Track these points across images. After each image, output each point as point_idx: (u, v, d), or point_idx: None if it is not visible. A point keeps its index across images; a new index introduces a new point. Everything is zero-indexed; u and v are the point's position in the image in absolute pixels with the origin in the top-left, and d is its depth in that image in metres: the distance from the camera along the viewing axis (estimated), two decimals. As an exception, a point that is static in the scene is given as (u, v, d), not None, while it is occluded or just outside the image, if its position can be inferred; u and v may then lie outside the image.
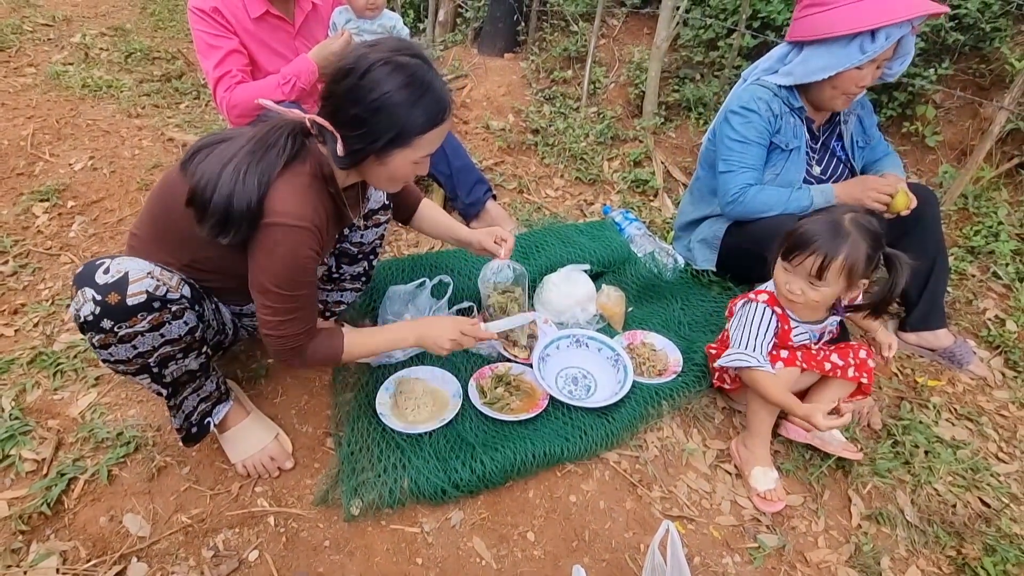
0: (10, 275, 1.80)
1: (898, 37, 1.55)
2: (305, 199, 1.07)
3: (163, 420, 1.40)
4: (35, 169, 2.30)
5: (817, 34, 1.60)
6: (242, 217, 1.01)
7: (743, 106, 1.73)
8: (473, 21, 3.46)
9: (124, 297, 1.01)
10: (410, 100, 1.03)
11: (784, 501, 1.39)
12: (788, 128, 1.74)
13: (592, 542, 1.29)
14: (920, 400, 1.73)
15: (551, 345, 1.69)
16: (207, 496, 1.27)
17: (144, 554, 1.16)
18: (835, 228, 1.26)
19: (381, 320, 1.65)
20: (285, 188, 1.04)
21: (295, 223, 1.04)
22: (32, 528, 1.17)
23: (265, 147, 1.05)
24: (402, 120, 1.04)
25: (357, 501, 1.28)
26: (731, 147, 1.75)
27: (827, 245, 1.25)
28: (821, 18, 1.59)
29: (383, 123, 1.04)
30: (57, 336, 1.59)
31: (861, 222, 1.27)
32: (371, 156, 1.08)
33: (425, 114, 1.06)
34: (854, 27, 1.53)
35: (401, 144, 1.07)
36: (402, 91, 1.02)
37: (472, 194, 2.19)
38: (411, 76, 1.03)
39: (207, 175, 1.01)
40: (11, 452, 1.28)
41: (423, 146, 1.10)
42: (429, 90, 1.05)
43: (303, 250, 1.07)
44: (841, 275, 1.27)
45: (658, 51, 2.66)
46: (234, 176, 1.00)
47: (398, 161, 1.11)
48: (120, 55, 3.40)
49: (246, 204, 1.00)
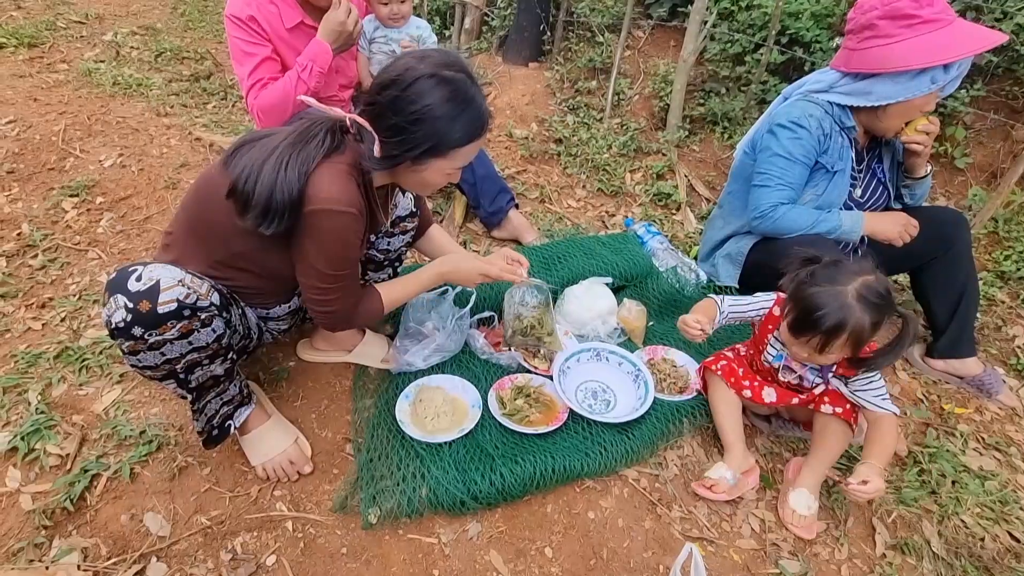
0: (39, 269, 1.82)
1: (968, 66, 1.53)
2: (346, 186, 1.10)
3: (185, 420, 1.41)
4: (66, 164, 2.34)
5: (887, 68, 1.53)
6: (284, 206, 1.04)
7: (794, 121, 1.68)
8: (499, 29, 3.48)
9: (155, 305, 1.02)
10: (451, 114, 1.06)
11: (816, 530, 1.37)
12: (835, 148, 1.69)
13: (610, 561, 1.28)
14: (947, 428, 1.70)
15: (571, 358, 1.68)
16: (227, 498, 1.28)
17: (163, 554, 1.16)
18: (840, 307, 1.21)
19: (403, 327, 1.65)
20: (326, 176, 1.08)
21: (339, 208, 1.08)
22: (55, 523, 1.17)
23: (305, 140, 1.09)
24: (441, 132, 1.08)
25: (375, 509, 1.27)
26: (773, 161, 1.71)
27: (831, 326, 1.22)
28: (889, 51, 1.51)
29: (422, 134, 1.07)
30: (83, 331, 1.61)
31: (867, 296, 1.22)
32: (407, 161, 1.12)
33: (464, 128, 1.09)
34: (930, 61, 1.48)
35: (437, 155, 1.11)
36: (444, 105, 1.05)
37: (495, 203, 2.20)
38: (454, 91, 1.06)
39: (249, 167, 1.06)
40: (36, 446, 1.30)
41: (459, 158, 1.14)
42: (470, 106, 1.08)
43: (348, 234, 1.12)
44: (846, 347, 1.26)
45: (684, 64, 2.65)
46: (276, 167, 1.05)
47: (433, 169, 1.15)
48: (150, 54, 3.46)
49: (288, 193, 1.04)
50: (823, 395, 1.42)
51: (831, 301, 1.22)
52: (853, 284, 1.23)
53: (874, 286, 1.23)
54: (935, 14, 1.47)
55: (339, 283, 1.19)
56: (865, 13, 1.54)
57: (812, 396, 1.43)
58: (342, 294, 1.21)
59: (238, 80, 1.85)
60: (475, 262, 1.43)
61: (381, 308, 1.31)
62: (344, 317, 1.26)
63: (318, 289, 1.18)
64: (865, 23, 1.54)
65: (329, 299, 1.20)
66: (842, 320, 1.21)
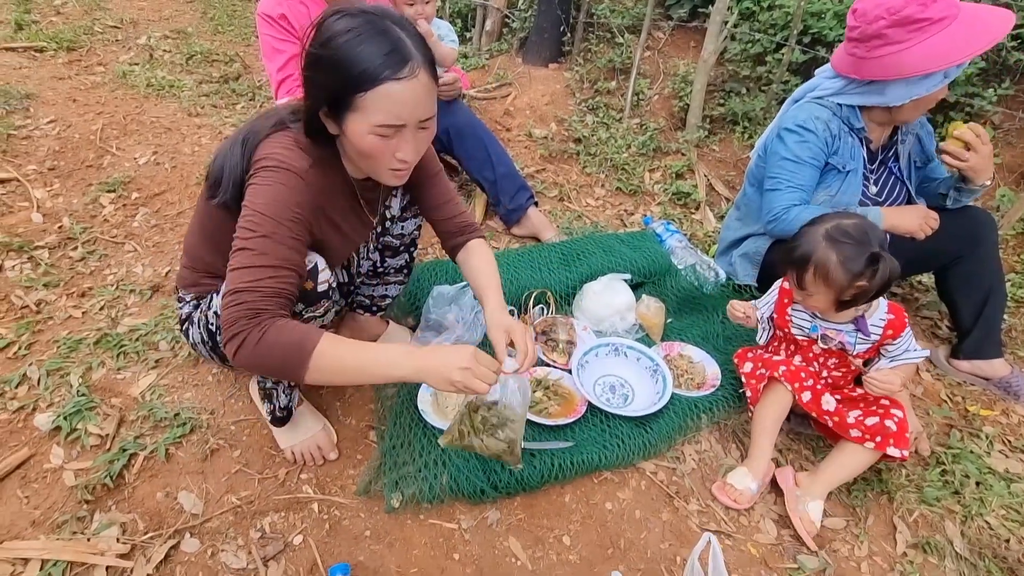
0: (79, 260, 1.90)
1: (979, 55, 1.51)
2: (289, 150, 1.01)
3: (217, 404, 1.46)
4: (103, 162, 2.43)
5: (905, 74, 1.51)
6: (231, 175, 1.04)
7: (800, 124, 1.68)
8: (519, 31, 3.52)
9: (316, 284, 1.11)
10: (349, 49, 0.91)
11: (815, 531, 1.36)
12: (845, 149, 1.69)
13: (627, 550, 1.29)
14: (971, 429, 1.68)
15: (590, 352, 1.70)
16: (256, 479, 1.32)
17: (196, 531, 1.21)
18: (806, 242, 1.35)
19: (424, 319, 1.68)
20: (269, 142, 1.03)
21: (274, 164, 1.00)
22: (96, 499, 1.23)
23: (257, 118, 1.09)
24: (336, 72, 0.93)
25: (398, 494, 1.31)
26: (782, 165, 1.71)
27: (796, 259, 1.37)
28: (904, 56, 1.49)
29: (320, 76, 0.96)
30: (121, 319, 1.68)
31: (833, 234, 1.33)
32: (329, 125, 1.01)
33: (363, 64, 0.91)
34: (948, 63, 1.47)
35: (346, 106, 0.95)
36: (344, 37, 0.91)
37: (515, 200, 2.23)
38: (358, 24, 0.92)
39: (215, 154, 1.09)
40: (78, 426, 1.36)
41: (372, 110, 0.94)
42: (373, 38, 0.92)
43: (284, 189, 0.99)
44: (818, 282, 1.34)
45: (705, 64, 2.66)
46: (230, 143, 1.06)
47: (353, 129, 0.97)
48: (182, 57, 3.57)
49: (233, 162, 1.04)
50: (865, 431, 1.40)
51: (804, 236, 1.37)
52: (827, 225, 1.35)
53: (843, 226, 1.33)
54: (942, 11, 1.45)
55: (257, 246, 0.95)
56: (871, 23, 1.50)
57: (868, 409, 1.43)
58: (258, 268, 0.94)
59: (268, 75, 1.92)
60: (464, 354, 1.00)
61: (311, 346, 0.92)
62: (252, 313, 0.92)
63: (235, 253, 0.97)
64: (873, 33, 1.51)
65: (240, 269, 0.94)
66: (806, 253, 1.34)
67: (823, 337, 1.48)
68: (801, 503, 1.38)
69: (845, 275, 1.30)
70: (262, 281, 0.94)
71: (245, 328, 0.91)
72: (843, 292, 1.33)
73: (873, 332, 1.44)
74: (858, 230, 1.32)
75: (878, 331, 1.44)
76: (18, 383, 1.45)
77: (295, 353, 0.92)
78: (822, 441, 1.59)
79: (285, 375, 0.96)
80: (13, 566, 1.11)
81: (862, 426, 1.39)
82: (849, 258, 1.29)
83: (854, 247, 1.30)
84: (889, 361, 1.45)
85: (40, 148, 2.43)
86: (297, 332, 0.93)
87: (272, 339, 0.91)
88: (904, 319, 1.44)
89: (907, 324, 1.44)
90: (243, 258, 0.95)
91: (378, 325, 1.65)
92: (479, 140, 2.21)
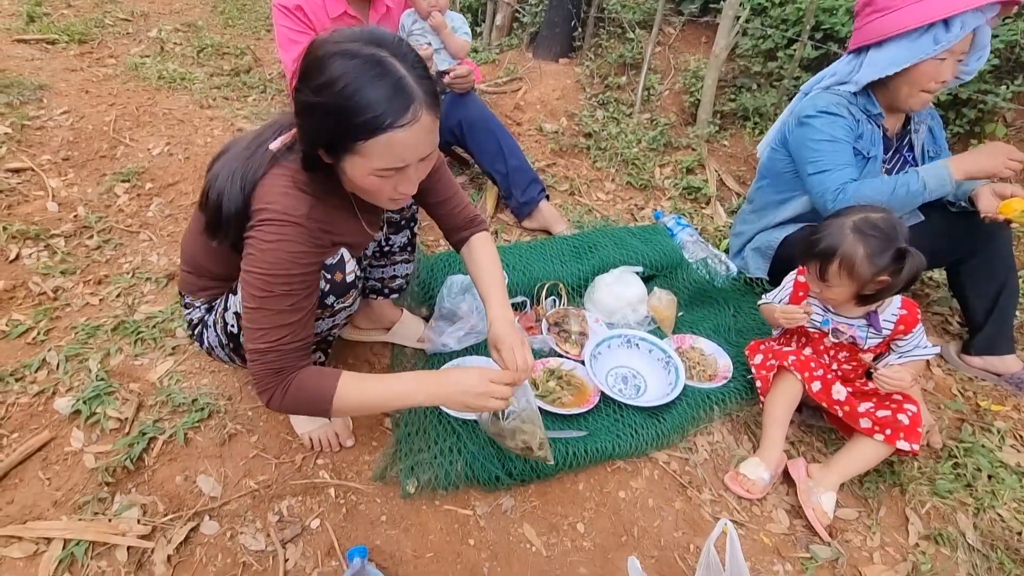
0: (95, 248, 1.92)
1: (973, 27, 1.49)
2: (287, 195, 0.98)
3: (234, 390, 1.48)
4: (117, 152, 2.44)
5: (884, 34, 1.56)
6: (229, 219, 0.98)
7: (822, 110, 1.68)
8: (530, 26, 3.52)
9: (345, 275, 1.13)
10: (348, 96, 0.86)
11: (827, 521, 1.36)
12: (867, 135, 1.69)
13: (641, 538, 1.30)
14: (983, 424, 1.68)
15: (602, 344, 1.71)
16: (273, 464, 1.34)
17: (215, 513, 1.23)
18: (833, 233, 1.34)
19: (438, 309, 1.69)
20: (269, 184, 0.98)
21: (275, 217, 0.96)
22: (116, 481, 1.25)
23: (257, 145, 1.02)
24: (334, 120, 0.88)
25: (413, 480, 1.32)
26: (820, 148, 1.67)
27: (822, 250, 1.34)
28: (887, 19, 1.56)
29: (316, 124, 0.92)
30: (138, 307, 1.70)
31: (861, 226, 1.31)
32: (325, 157, 0.97)
33: (365, 114, 0.87)
34: (925, 19, 1.48)
35: (344, 150, 0.93)
36: (341, 83, 0.86)
37: (526, 193, 2.23)
38: (356, 67, 0.86)
39: (211, 178, 1.02)
40: (97, 410, 1.37)
41: (373, 156, 0.91)
42: (373, 82, 0.86)
43: (287, 244, 0.97)
44: (842, 275, 1.33)
45: (716, 60, 2.66)
46: (226, 178, 0.98)
47: (352, 171, 0.96)
48: (193, 50, 3.58)
49: (233, 207, 0.97)
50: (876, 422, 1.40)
51: (829, 228, 1.35)
52: (854, 217, 1.33)
53: (872, 219, 1.31)
54: None
55: (276, 307, 0.98)
56: None
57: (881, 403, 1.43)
58: (280, 327, 0.98)
59: (283, 66, 1.93)
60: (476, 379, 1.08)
61: (332, 391, 1.01)
62: (277, 370, 0.99)
63: (251, 313, 0.99)
64: (866, 1, 1.61)
65: (262, 329, 0.98)
66: (832, 245, 1.32)
67: (834, 331, 1.48)
68: (814, 494, 1.38)
69: (871, 269, 1.29)
70: (282, 340, 1.00)
71: (271, 385, 1.01)
72: (866, 286, 1.33)
73: (885, 327, 1.44)
74: (886, 223, 1.31)
75: (889, 326, 1.44)
76: (38, 368, 1.46)
77: (318, 403, 1.03)
78: (834, 433, 1.59)
79: (316, 416, 1.16)
80: (37, 545, 1.12)
81: (873, 417, 1.40)
82: (876, 252, 1.28)
83: (882, 241, 1.29)
84: (899, 356, 1.46)
85: (54, 138, 2.44)
86: (315, 384, 1.02)
87: (294, 393, 1.01)
88: (916, 315, 1.44)
89: (919, 320, 1.45)
90: (260, 318, 0.99)
91: (393, 311, 1.66)
92: (491, 133, 2.21)
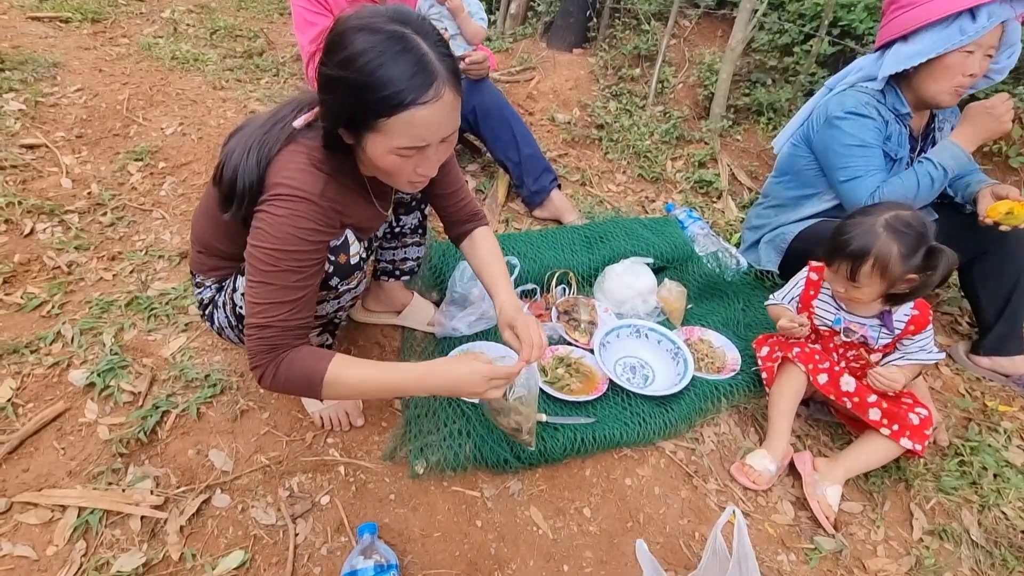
0: (108, 225, 1.93)
1: (1001, 19, 1.48)
2: (303, 172, 0.99)
3: (245, 368, 1.49)
4: (130, 131, 2.45)
5: (910, 27, 1.56)
6: (244, 193, 0.99)
7: (851, 111, 1.66)
8: (544, 15, 3.50)
9: (349, 257, 1.13)
10: (371, 72, 0.86)
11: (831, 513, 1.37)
12: (895, 135, 1.68)
13: (647, 524, 1.31)
14: (990, 424, 1.68)
15: (611, 333, 1.71)
16: (283, 441, 1.35)
17: (227, 487, 1.24)
18: (866, 232, 1.30)
19: (449, 293, 1.70)
20: (282, 159, 0.99)
21: (289, 192, 0.97)
22: (130, 452, 1.26)
23: (274, 123, 1.03)
24: (358, 96, 0.88)
25: (422, 461, 1.33)
26: (850, 153, 1.67)
27: (856, 250, 1.30)
28: (913, 12, 1.56)
29: (339, 99, 0.92)
30: (151, 283, 1.71)
31: (894, 224, 1.29)
32: (345, 136, 0.98)
33: (387, 89, 0.87)
34: (951, 8, 1.47)
35: (366, 127, 0.93)
36: (365, 58, 0.86)
37: (538, 182, 2.23)
38: (379, 43, 0.87)
39: (227, 154, 1.02)
40: (111, 383, 1.39)
41: (395, 134, 0.91)
42: (396, 58, 0.86)
43: (297, 219, 0.97)
44: (874, 275, 1.30)
45: (732, 53, 2.64)
46: (242, 153, 0.99)
47: (374, 150, 0.96)
48: (206, 31, 3.58)
49: (248, 180, 0.98)
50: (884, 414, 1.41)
51: (860, 227, 1.31)
52: (884, 215, 1.30)
53: (904, 217, 1.29)
54: None
55: (278, 283, 0.98)
56: None
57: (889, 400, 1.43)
58: (280, 303, 0.98)
59: (299, 47, 1.93)
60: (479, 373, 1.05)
61: (323, 372, 0.99)
62: (272, 346, 0.99)
63: (254, 286, 0.99)
64: None
65: (262, 304, 0.98)
66: (867, 244, 1.28)
67: (846, 330, 1.48)
68: (819, 487, 1.39)
69: (904, 268, 1.27)
70: (280, 316, 0.99)
71: (263, 363, 1.00)
72: (895, 285, 1.31)
73: (896, 327, 1.44)
74: (917, 221, 1.28)
75: (901, 326, 1.44)
76: (52, 340, 1.48)
77: (308, 385, 1.01)
78: (841, 428, 1.60)
79: (308, 397, 1.11)
80: (52, 512, 1.14)
81: (882, 408, 1.40)
82: (910, 250, 1.26)
83: (916, 239, 1.27)
84: (901, 356, 1.45)
85: (68, 116, 2.45)
86: (306, 364, 1.00)
87: (285, 372, 1.00)
88: (928, 316, 1.43)
89: (930, 321, 1.44)
90: (263, 292, 0.99)
91: (404, 294, 1.66)
92: (505, 121, 2.21)
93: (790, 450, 1.47)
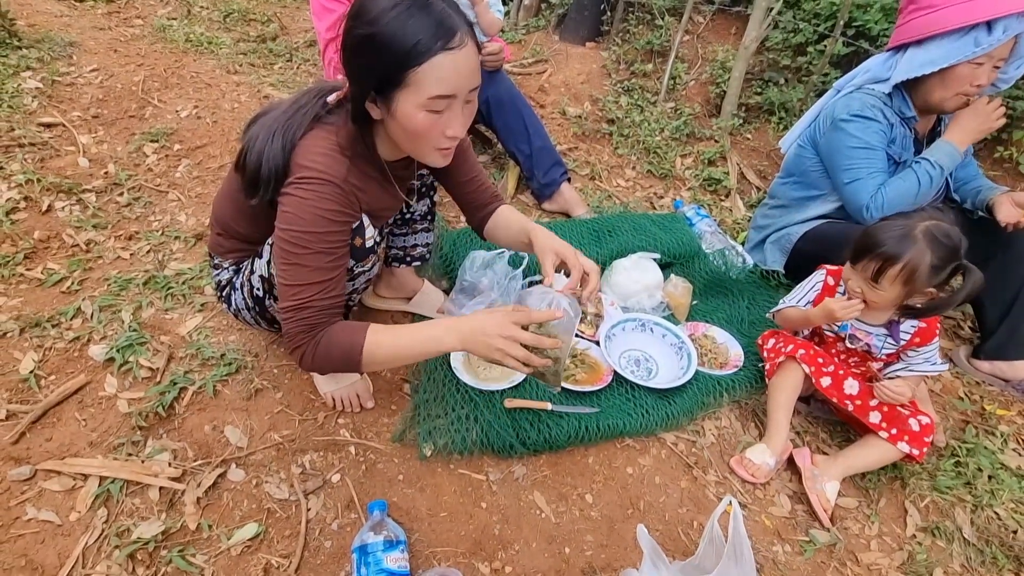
0: (125, 205, 1.96)
1: (1016, 32, 1.49)
2: (327, 155, 1.03)
3: (260, 348, 1.52)
4: (145, 112, 2.47)
5: (926, 32, 1.56)
6: (270, 177, 1.02)
7: (856, 114, 1.68)
8: (558, 8, 3.49)
9: (364, 240, 1.15)
10: (398, 26, 0.90)
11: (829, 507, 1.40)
12: (900, 138, 1.69)
13: (647, 512, 1.35)
14: (986, 427, 1.71)
15: (617, 326, 1.74)
16: (296, 420, 1.39)
17: (242, 462, 1.28)
18: (903, 236, 1.27)
19: (459, 282, 1.73)
20: (307, 144, 1.03)
21: (315, 175, 1.01)
22: (148, 426, 1.30)
23: (296, 109, 1.06)
24: (386, 51, 0.92)
25: (430, 444, 1.36)
26: (854, 155, 1.69)
27: (889, 251, 1.28)
28: (931, 17, 1.56)
29: (367, 59, 0.95)
30: (167, 263, 1.74)
31: (935, 233, 1.26)
32: (377, 108, 1.01)
33: (414, 38, 0.90)
34: (968, 19, 1.48)
35: (396, 83, 0.95)
36: (391, 14, 0.91)
37: (548, 175, 2.25)
38: (401, 1, 0.91)
39: (250, 139, 1.06)
40: (130, 359, 1.43)
41: (425, 83, 0.94)
42: (418, 13, 0.91)
43: (323, 202, 1.01)
44: (898, 280, 1.29)
45: (745, 51, 2.64)
46: (266, 138, 1.02)
47: (404, 108, 0.97)
48: (219, 14, 3.59)
49: (273, 164, 1.01)
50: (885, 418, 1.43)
51: (897, 229, 1.28)
52: (925, 221, 1.27)
53: (944, 227, 1.26)
54: None
55: (309, 264, 1.02)
56: None
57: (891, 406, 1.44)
58: (312, 284, 1.02)
59: (316, 34, 1.95)
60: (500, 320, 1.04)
61: (360, 344, 1.04)
62: (309, 325, 1.03)
63: (285, 269, 1.03)
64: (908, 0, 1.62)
65: (295, 286, 1.02)
66: (902, 248, 1.26)
67: (851, 337, 1.49)
68: (818, 482, 1.42)
69: (930, 279, 1.27)
70: (315, 297, 1.03)
71: (303, 342, 1.04)
72: (916, 296, 1.31)
73: (902, 338, 1.45)
74: (956, 234, 1.27)
75: (907, 337, 1.45)
76: (73, 315, 1.52)
77: (348, 357, 1.05)
78: (840, 426, 1.63)
79: (348, 372, 1.12)
80: (74, 480, 1.18)
81: (882, 411, 1.43)
82: (941, 264, 1.25)
83: (950, 253, 1.25)
84: (906, 367, 1.47)
85: (84, 95, 2.47)
86: (345, 338, 1.05)
87: (325, 348, 1.04)
88: (935, 329, 1.44)
89: (936, 335, 1.44)
90: (296, 275, 1.03)
91: (415, 281, 1.69)
92: (518, 112, 2.22)
93: (789, 445, 1.50)
